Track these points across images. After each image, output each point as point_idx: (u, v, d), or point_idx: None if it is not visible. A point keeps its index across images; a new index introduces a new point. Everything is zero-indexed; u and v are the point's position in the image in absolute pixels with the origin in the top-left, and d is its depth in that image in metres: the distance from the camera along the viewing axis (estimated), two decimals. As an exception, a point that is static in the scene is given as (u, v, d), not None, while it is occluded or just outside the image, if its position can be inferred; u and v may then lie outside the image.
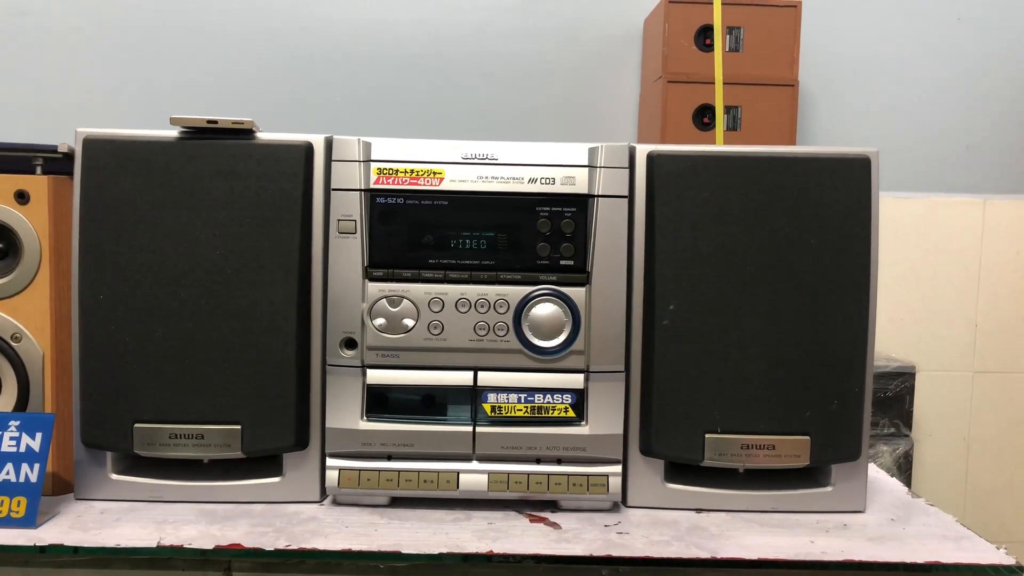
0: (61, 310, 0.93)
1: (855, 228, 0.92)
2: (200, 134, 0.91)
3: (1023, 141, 2.44)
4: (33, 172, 0.93)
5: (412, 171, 0.92)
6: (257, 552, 0.82)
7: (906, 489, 1.05)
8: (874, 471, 1.09)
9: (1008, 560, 0.83)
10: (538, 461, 0.93)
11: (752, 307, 0.92)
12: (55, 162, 0.94)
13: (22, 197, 0.92)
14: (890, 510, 0.97)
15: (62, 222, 0.93)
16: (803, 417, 0.92)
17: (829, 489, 0.95)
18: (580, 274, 0.93)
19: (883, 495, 1.02)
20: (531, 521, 0.90)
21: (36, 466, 0.86)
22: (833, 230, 0.92)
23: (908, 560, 0.82)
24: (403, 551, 0.82)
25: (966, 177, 2.44)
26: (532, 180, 0.93)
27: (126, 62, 2.34)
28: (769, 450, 0.92)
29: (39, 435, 0.87)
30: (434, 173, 0.93)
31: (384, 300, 0.92)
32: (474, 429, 0.92)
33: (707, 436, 0.92)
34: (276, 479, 0.94)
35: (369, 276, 0.93)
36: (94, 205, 0.90)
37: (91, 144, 0.91)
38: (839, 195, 0.92)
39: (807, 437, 0.92)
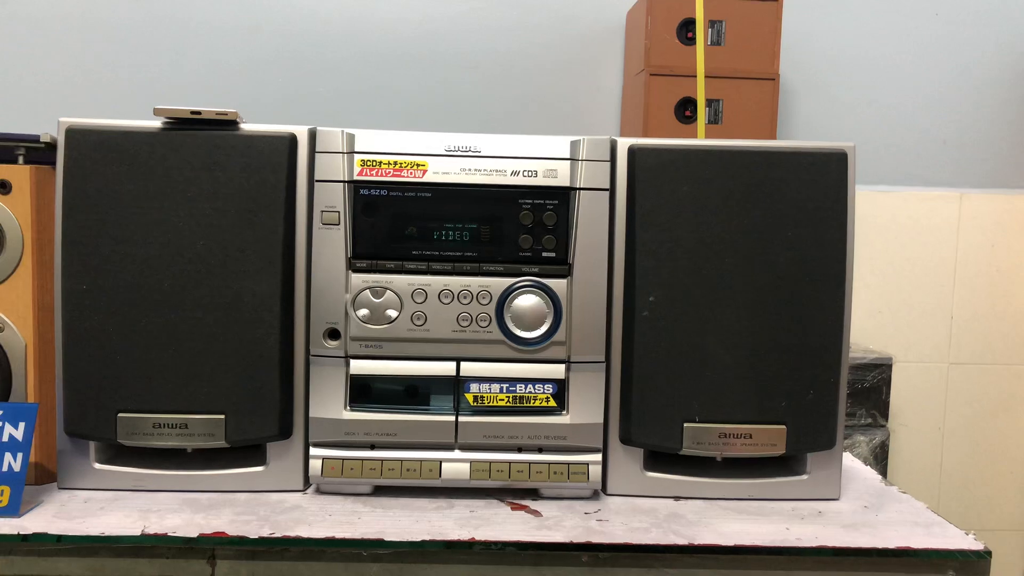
0: (44, 300, 0.93)
1: (832, 221, 0.94)
2: (184, 125, 0.92)
3: (999, 136, 2.48)
4: (15, 162, 0.93)
5: (395, 163, 0.93)
6: (241, 540, 0.83)
7: (880, 477, 1.07)
8: (849, 460, 1.11)
9: (976, 545, 0.85)
10: (520, 450, 0.94)
11: (730, 298, 0.93)
12: (37, 152, 0.94)
13: (4, 187, 0.92)
14: (864, 498, 0.99)
15: (44, 212, 0.93)
16: (779, 407, 0.94)
17: (804, 477, 0.97)
18: (562, 266, 0.94)
19: (857, 483, 1.04)
20: (512, 509, 0.92)
21: (19, 455, 0.86)
22: (810, 223, 0.94)
23: (880, 546, 0.84)
24: (386, 539, 0.83)
25: (943, 171, 2.47)
26: (515, 173, 0.94)
27: (110, 52, 2.33)
28: (746, 439, 0.94)
29: (22, 425, 0.87)
30: (417, 165, 0.93)
31: (367, 291, 0.93)
32: (456, 419, 0.94)
33: (685, 425, 0.94)
34: (260, 468, 0.95)
35: (352, 267, 0.93)
36: (77, 195, 0.90)
37: (74, 134, 0.91)
38: (816, 189, 0.94)
39: (783, 426, 0.94)
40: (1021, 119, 2.48)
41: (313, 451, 0.93)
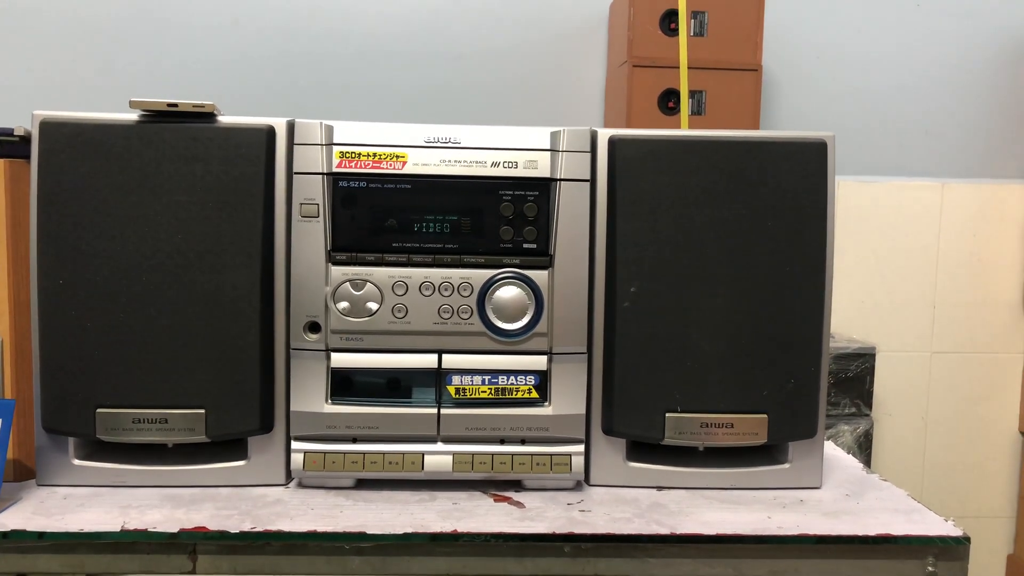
0: (20, 295, 0.92)
1: (812, 210, 0.94)
2: (160, 117, 0.91)
3: (981, 126, 2.49)
4: (-11, 156, 0.92)
5: (375, 155, 0.93)
6: (222, 535, 0.83)
7: (861, 465, 1.08)
8: (830, 448, 1.11)
9: (955, 532, 0.85)
10: (502, 442, 0.94)
11: (711, 289, 0.93)
12: (11, 145, 0.93)
13: (-22, 181, 0.90)
14: (845, 486, 0.99)
15: (19, 207, 0.92)
16: (761, 396, 0.94)
17: (786, 466, 0.97)
18: (543, 257, 0.94)
19: (839, 471, 1.04)
20: (495, 501, 0.92)
21: (-3, 452, 0.86)
22: (790, 213, 0.94)
23: (860, 533, 0.85)
24: (368, 532, 0.83)
25: (925, 161, 2.48)
26: (495, 164, 0.94)
27: (86, 45, 2.30)
28: (728, 428, 0.94)
29: (-1, 421, 0.86)
30: (397, 157, 0.93)
31: (348, 284, 0.93)
32: (439, 411, 0.93)
33: (667, 415, 0.94)
34: (241, 463, 0.94)
35: (332, 260, 0.93)
36: (52, 189, 0.89)
37: (48, 127, 0.90)
38: (796, 178, 0.94)
39: (765, 415, 0.94)
40: (1002, 109, 2.49)
41: (295, 445, 0.93)
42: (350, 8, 2.34)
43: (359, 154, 0.92)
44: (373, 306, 0.93)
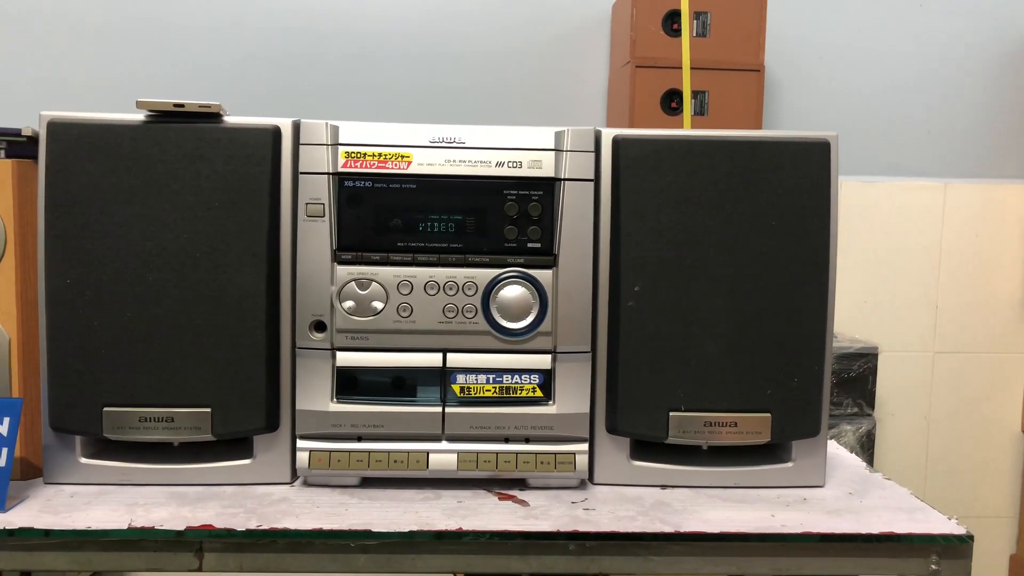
0: (27, 295, 0.93)
1: (815, 210, 0.95)
2: (167, 118, 0.91)
3: (983, 126, 2.50)
4: (-3, 156, 0.93)
5: (380, 155, 0.93)
6: (228, 532, 0.83)
7: (864, 464, 1.08)
8: (833, 447, 1.12)
9: (959, 530, 0.86)
10: (507, 440, 0.94)
11: (715, 288, 0.94)
12: (19, 145, 0.93)
13: (-14, 181, 0.91)
14: (848, 484, 1.00)
15: (27, 206, 0.92)
16: (764, 395, 0.95)
17: (789, 465, 0.98)
18: (547, 256, 0.95)
19: (842, 470, 1.05)
20: (500, 499, 0.92)
21: (4, 451, 0.86)
22: (793, 212, 0.94)
23: (864, 531, 0.85)
24: (374, 530, 0.83)
25: (927, 161, 2.49)
26: (499, 164, 0.94)
27: (92, 46, 2.31)
28: (731, 427, 0.95)
29: (7, 420, 0.87)
30: (402, 156, 0.93)
31: (353, 283, 0.93)
32: (443, 410, 0.94)
33: (671, 414, 0.94)
34: (247, 461, 0.94)
35: (338, 259, 0.93)
36: (59, 189, 0.90)
37: (56, 128, 0.90)
38: (799, 178, 0.94)
39: (768, 414, 0.95)
40: (1005, 109, 2.49)
41: (300, 443, 0.93)
42: (353, 10, 2.35)
43: (364, 154, 0.93)
44: (378, 305, 0.93)
